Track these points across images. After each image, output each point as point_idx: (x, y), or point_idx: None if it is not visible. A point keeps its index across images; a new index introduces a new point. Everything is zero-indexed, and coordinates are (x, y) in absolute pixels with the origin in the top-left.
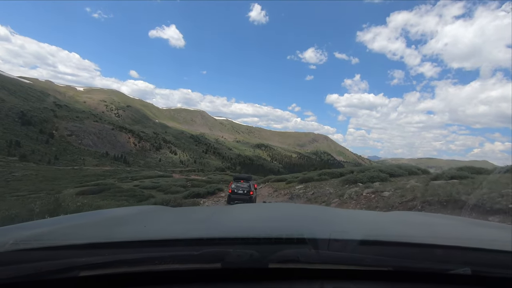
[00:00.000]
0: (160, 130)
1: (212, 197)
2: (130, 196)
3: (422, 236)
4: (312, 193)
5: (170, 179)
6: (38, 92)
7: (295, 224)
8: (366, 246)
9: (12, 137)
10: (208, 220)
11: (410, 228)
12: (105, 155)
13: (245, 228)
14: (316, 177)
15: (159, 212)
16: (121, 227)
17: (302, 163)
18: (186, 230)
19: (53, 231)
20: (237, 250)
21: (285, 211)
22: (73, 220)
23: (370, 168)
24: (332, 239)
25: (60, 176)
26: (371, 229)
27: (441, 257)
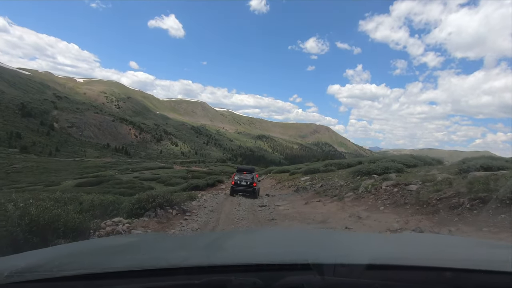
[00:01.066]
0: (161, 121)
1: (211, 190)
2: (129, 187)
3: (431, 259)
4: (320, 185)
5: (171, 170)
6: (37, 83)
7: (299, 249)
8: (373, 271)
9: (13, 128)
10: (209, 246)
11: (417, 250)
12: (106, 147)
13: (247, 254)
14: (322, 168)
15: (158, 240)
16: (118, 256)
17: (304, 154)
18: (186, 258)
19: (48, 262)
20: (239, 278)
21: (288, 236)
22: (70, 249)
23: (381, 158)
24: (338, 264)
25: (61, 168)
26: (377, 253)
27: (451, 281)
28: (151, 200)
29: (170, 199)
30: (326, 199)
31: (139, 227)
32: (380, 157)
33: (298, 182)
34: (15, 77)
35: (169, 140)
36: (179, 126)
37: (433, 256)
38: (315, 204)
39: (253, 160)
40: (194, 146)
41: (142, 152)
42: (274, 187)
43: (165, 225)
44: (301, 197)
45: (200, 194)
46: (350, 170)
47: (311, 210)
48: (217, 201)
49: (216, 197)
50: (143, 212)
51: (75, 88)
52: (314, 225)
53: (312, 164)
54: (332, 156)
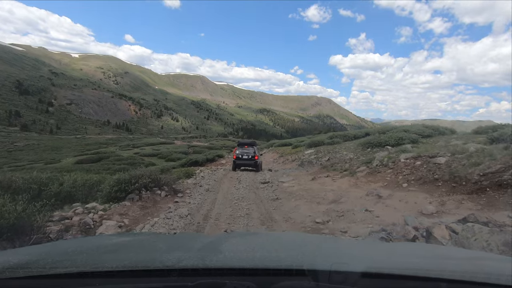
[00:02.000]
0: (160, 96)
1: (211, 165)
2: (129, 164)
3: (428, 269)
4: (327, 159)
5: (172, 146)
6: (32, 60)
7: (294, 254)
8: (369, 279)
9: (11, 107)
10: (204, 248)
11: (414, 260)
12: (106, 124)
13: (242, 258)
14: (327, 140)
15: (152, 239)
16: (112, 255)
17: (305, 127)
18: (180, 259)
19: (41, 259)
20: (234, 281)
21: (284, 240)
22: (64, 247)
23: (391, 129)
24: (333, 271)
25: (62, 145)
26: (374, 261)
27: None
28: (133, 181)
29: (158, 179)
30: (335, 174)
31: (115, 215)
32: (390, 127)
33: (302, 155)
34: (9, 53)
35: (169, 115)
36: (179, 101)
37: (429, 267)
38: (323, 180)
39: (254, 134)
40: (195, 121)
41: (143, 128)
42: (277, 161)
43: (149, 210)
44: (307, 172)
45: (199, 170)
46: (358, 142)
47: (320, 187)
48: (215, 178)
49: (214, 173)
50: (125, 196)
51: (71, 64)
52: (326, 206)
53: (315, 136)
54: (334, 129)
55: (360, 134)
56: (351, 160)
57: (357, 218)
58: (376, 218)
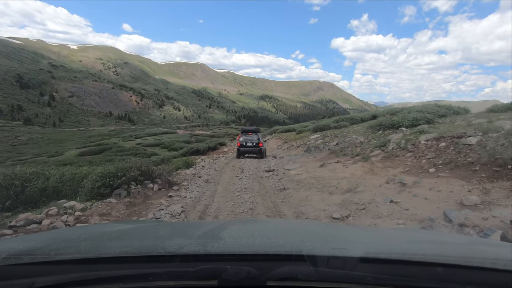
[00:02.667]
0: (161, 86)
1: (213, 153)
2: (132, 154)
3: (424, 254)
4: (336, 143)
5: (174, 135)
6: (31, 53)
7: (294, 241)
8: (367, 264)
9: (13, 101)
10: (205, 235)
11: (411, 246)
12: (109, 115)
13: (243, 244)
14: (333, 124)
15: (155, 227)
16: (115, 242)
17: (308, 112)
18: (182, 246)
19: (45, 246)
20: (234, 266)
21: (284, 227)
22: (66, 235)
23: (400, 110)
24: (332, 256)
25: (65, 138)
26: (372, 247)
27: (442, 276)
28: (120, 174)
29: (150, 171)
30: (346, 160)
31: (95, 216)
32: (399, 108)
33: (307, 140)
34: (7, 47)
35: (171, 105)
36: (180, 90)
37: (426, 252)
38: (333, 166)
39: (256, 121)
40: (197, 110)
41: (145, 119)
42: (281, 148)
43: (137, 208)
44: (314, 158)
45: (200, 159)
46: (367, 125)
47: (331, 174)
48: (216, 167)
49: (216, 162)
50: (111, 192)
51: (70, 56)
52: (340, 196)
53: (320, 121)
54: (338, 113)
55: (367, 116)
56: (362, 144)
57: (382, 211)
58: (406, 212)
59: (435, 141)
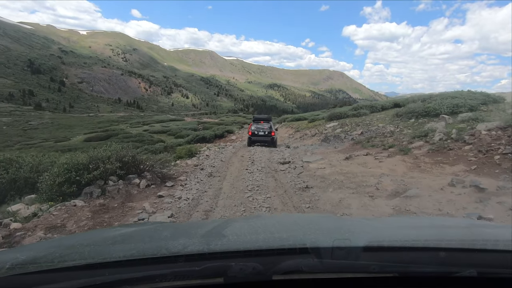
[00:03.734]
0: (169, 73)
1: (219, 141)
2: (138, 141)
3: (426, 239)
4: (360, 132)
5: (181, 122)
6: (41, 38)
7: (297, 234)
8: (370, 253)
9: (25, 86)
10: (208, 234)
11: (414, 232)
12: (118, 102)
13: (246, 240)
14: (351, 112)
15: (158, 229)
16: (119, 246)
17: (317, 102)
18: (186, 245)
19: (49, 254)
20: (240, 263)
21: (287, 221)
22: (69, 241)
23: (430, 96)
24: (335, 247)
25: (75, 124)
26: (374, 236)
27: (446, 260)
28: (92, 166)
29: (137, 162)
30: (378, 152)
31: (39, 231)
32: (427, 95)
33: (323, 129)
34: (18, 32)
35: (179, 92)
36: (189, 77)
37: (429, 237)
38: (362, 160)
39: (265, 110)
40: (205, 98)
41: (154, 106)
42: (293, 137)
43: (110, 215)
44: (335, 148)
45: (206, 147)
46: (392, 112)
47: (362, 170)
48: (223, 157)
49: (222, 151)
50: (80, 190)
51: (80, 41)
52: (386, 201)
53: (334, 109)
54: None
55: (388, 104)
56: (393, 134)
57: None
58: None
59: (501, 131)
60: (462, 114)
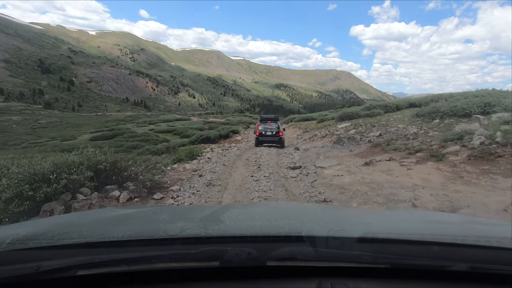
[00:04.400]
0: (176, 73)
1: (224, 142)
2: (143, 140)
3: (420, 233)
4: (379, 134)
5: (187, 122)
6: (52, 38)
7: (293, 222)
8: (364, 244)
9: (35, 85)
10: (206, 218)
11: (409, 226)
12: (125, 101)
13: (243, 226)
14: (363, 112)
15: (157, 212)
16: (118, 226)
17: (323, 102)
18: (183, 229)
19: (49, 231)
20: (235, 248)
21: (284, 209)
22: (69, 220)
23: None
24: (330, 237)
25: (83, 123)
26: (369, 227)
27: (438, 254)
28: (53, 177)
29: (117, 170)
30: (403, 157)
31: None
32: (447, 95)
33: (334, 130)
34: (29, 32)
35: (186, 92)
36: (195, 77)
37: (423, 231)
38: (385, 166)
39: (271, 110)
40: (212, 98)
41: (161, 105)
42: (301, 138)
43: None
44: (351, 151)
45: (209, 148)
46: (411, 112)
47: (389, 179)
48: (226, 160)
49: (226, 154)
50: (38, 207)
51: (89, 41)
52: None
53: (344, 109)
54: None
55: (403, 104)
56: (417, 136)
57: None
58: None
59: None
60: (497, 114)
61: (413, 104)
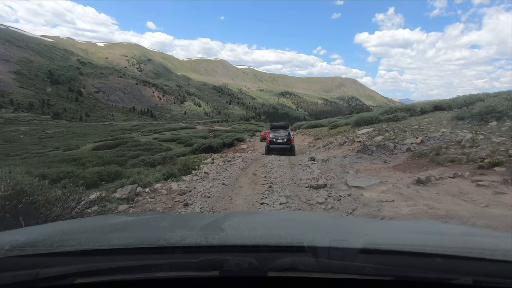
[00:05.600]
0: (182, 82)
1: (228, 151)
2: (146, 149)
3: (424, 245)
4: (420, 141)
5: (192, 130)
6: (61, 50)
7: (295, 232)
8: (367, 255)
9: (44, 96)
10: (207, 227)
11: (412, 237)
12: (132, 110)
13: (244, 236)
14: (384, 116)
15: (157, 219)
16: (117, 234)
17: (329, 109)
18: (184, 237)
19: (48, 238)
20: (236, 258)
21: (286, 218)
22: (69, 226)
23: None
24: (332, 247)
25: (89, 132)
26: (372, 238)
27: (442, 267)
28: None
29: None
30: (473, 172)
31: None
32: (481, 95)
33: (354, 136)
34: (39, 44)
35: (192, 101)
36: (201, 86)
37: (426, 243)
38: (453, 186)
39: (276, 118)
40: (217, 106)
41: (167, 114)
42: (314, 146)
43: None
44: (385, 163)
45: (211, 158)
46: (449, 115)
47: (475, 211)
48: (227, 175)
49: (228, 167)
50: None
51: (97, 53)
52: None
53: (360, 114)
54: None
55: (428, 107)
56: (476, 142)
57: None
58: None
59: None
60: None
61: (439, 106)
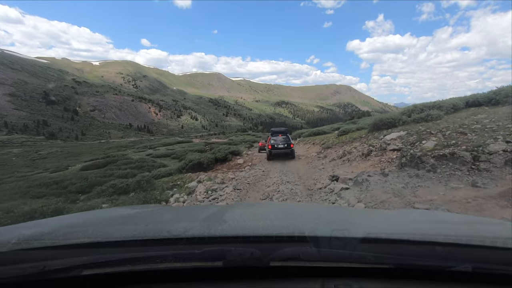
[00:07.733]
0: (178, 97)
1: (221, 167)
2: (137, 167)
3: (424, 233)
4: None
5: (188, 144)
6: (56, 71)
7: (296, 223)
8: (368, 244)
9: (39, 117)
10: (209, 218)
11: (412, 226)
12: (129, 127)
13: (246, 226)
14: (412, 116)
15: (161, 211)
16: (122, 226)
17: (326, 116)
18: (187, 229)
19: (54, 231)
20: (239, 248)
21: (287, 210)
22: (74, 220)
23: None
24: (333, 237)
25: (84, 151)
26: (373, 227)
27: (441, 255)
28: None
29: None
30: None
31: None
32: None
33: (381, 143)
34: (34, 66)
35: (188, 114)
36: (197, 100)
37: (426, 231)
38: None
39: (274, 127)
40: (214, 119)
41: (164, 129)
42: (324, 156)
43: None
44: (477, 188)
45: (197, 180)
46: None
47: None
48: None
49: (217, 195)
50: None
51: (93, 71)
52: None
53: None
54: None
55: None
56: None
57: None
58: None
59: None
60: None
61: (474, 101)
